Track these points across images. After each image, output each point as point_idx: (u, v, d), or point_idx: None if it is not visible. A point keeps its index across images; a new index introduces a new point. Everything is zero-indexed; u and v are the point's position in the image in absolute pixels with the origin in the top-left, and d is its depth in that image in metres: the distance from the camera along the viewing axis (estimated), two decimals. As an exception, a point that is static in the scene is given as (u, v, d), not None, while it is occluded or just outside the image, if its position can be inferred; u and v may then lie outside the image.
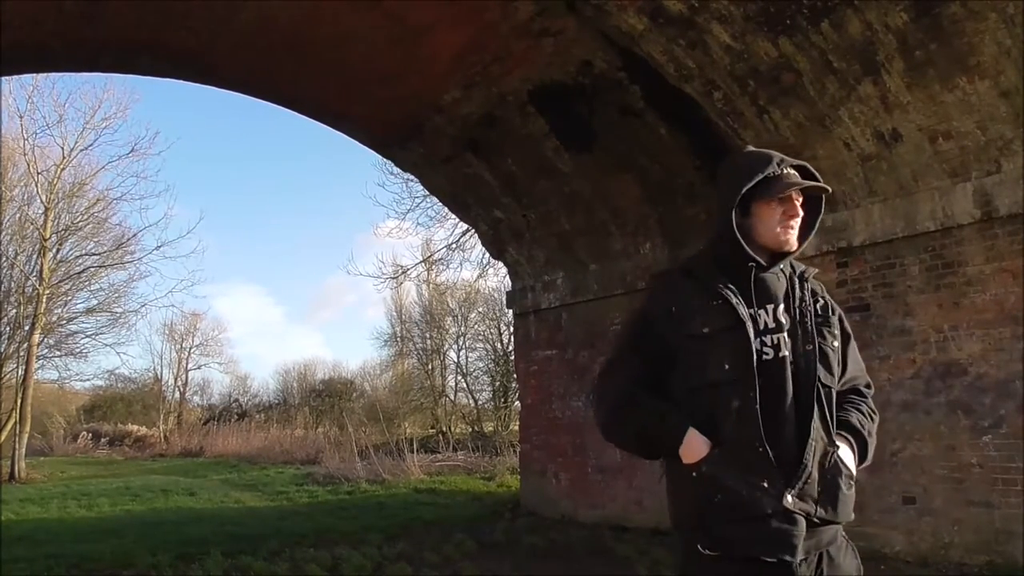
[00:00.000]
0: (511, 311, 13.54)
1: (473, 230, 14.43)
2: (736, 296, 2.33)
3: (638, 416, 2.43)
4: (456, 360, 32.22)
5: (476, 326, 31.53)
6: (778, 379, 2.27)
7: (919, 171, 7.27)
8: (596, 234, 10.84)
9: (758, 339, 2.30)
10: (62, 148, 23.28)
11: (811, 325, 2.35)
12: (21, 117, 22.92)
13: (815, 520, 2.22)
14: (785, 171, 2.41)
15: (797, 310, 2.37)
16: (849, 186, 7.82)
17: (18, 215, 23.27)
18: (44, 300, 22.26)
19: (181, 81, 11.01)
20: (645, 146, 9.39)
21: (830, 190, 2.45)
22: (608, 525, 10.02)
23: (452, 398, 31.88)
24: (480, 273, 22.48)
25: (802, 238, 2.45)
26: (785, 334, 2.32)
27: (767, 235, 2.41)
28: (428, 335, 33.16)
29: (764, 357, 2.28)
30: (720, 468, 2.25)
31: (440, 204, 14.96)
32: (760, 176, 2.39)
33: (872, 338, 7.53)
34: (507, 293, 13.30)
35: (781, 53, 7.37)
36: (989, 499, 6.74)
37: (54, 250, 23.16)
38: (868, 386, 2.57)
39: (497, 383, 29.72)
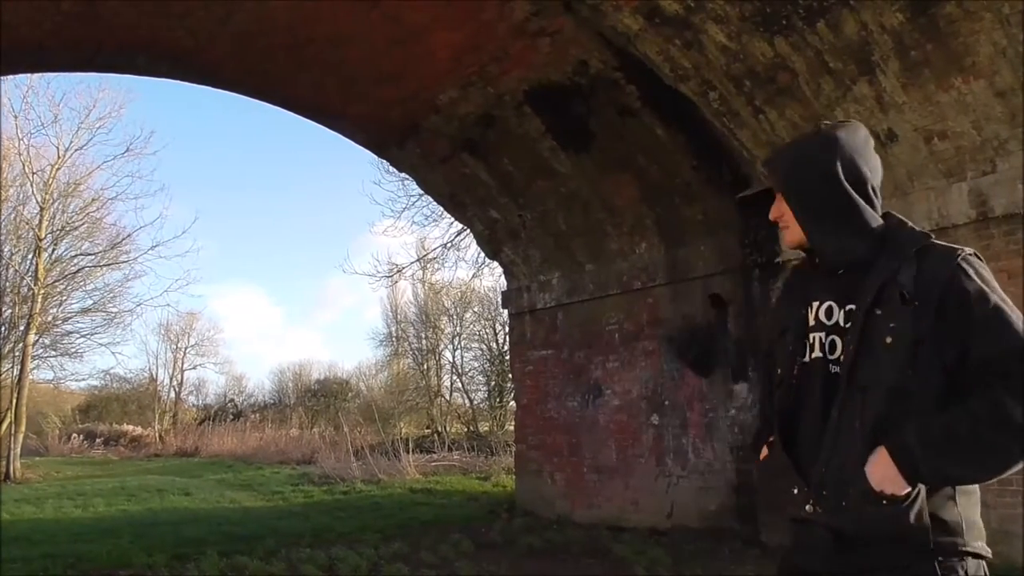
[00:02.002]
0: (507, 311, 13.55)
1: (468, 229, 14.43)
2: (795, 298, 2.29)
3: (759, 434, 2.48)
4: (451, 360, 32.32)
5: (471, 326, 31.65)
6: (809, 383, 2.16)
7: (914, 171, 7.28)
8: (592, 234, 10.85)
9: (803, 341, 2.20)
10: (57, 148, 23.35)
11: (860, 319, 2.08)
12: (16, 117, 22.89)
13: (848, 533, 2.02)
14: (771, 168, 2.33)
15: (856, 302, 2.12)
16: (845, 186, 7.82)
17: (13, 215, 23.24)
18: (39, 300, 22.22)
19: (177, 81, 11.01)
20: (642, 146, 9.40)
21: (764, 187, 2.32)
22: (604, 525, 10.03)
23: (448, 398, 31.91)
24: (475, 272, 22.49)
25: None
26: (823, 333, 2.16)
27: None
28: (423, 335, 33.22)
29: (808, 359, 2.18)
30: (764, 473, 2.31)
31: (436, 203, 14.97)
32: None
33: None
34: (503, 293, 13.30)
35: (777, 53, 7.38)
36: (985, 499, 6.66)
37: (49, 250, 23.13)
38: (1004, 375, 1.92)
39: (492, 383, 29.75)
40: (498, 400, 29.09)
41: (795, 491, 2.10)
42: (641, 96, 8.87)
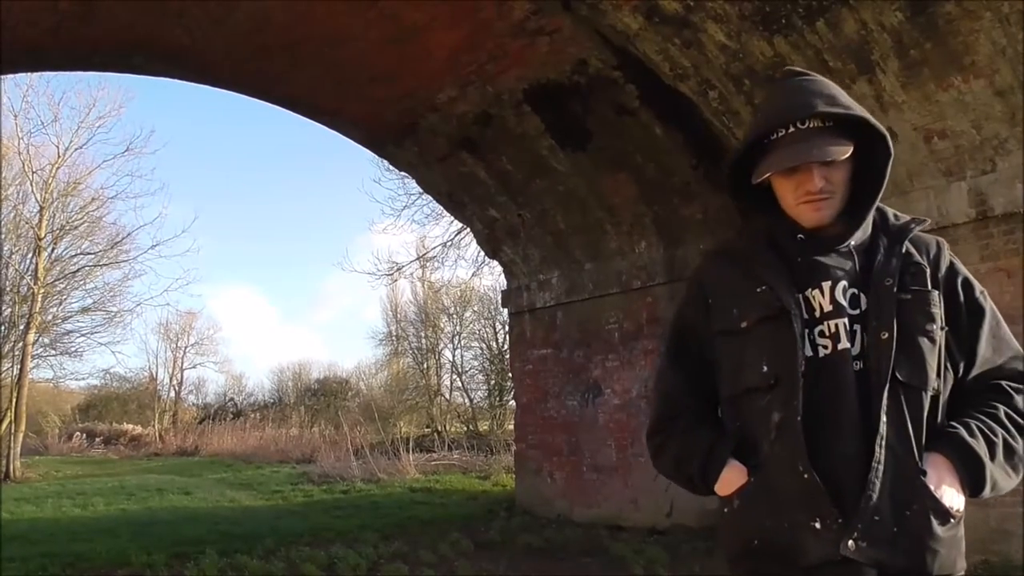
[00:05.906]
0: (506, 310, 13.55)
1: (468, 228, 14.42)
2: (782, 277, 1.81)
3: (673, 449, 1.92)
4: (451, 359, 32.27)
5: (471, 325, 31.57)
6: (834, 381, 1.72)
7: (914, 170, 7.27)
8: (591, 233, 10.84)
9: (809, 330, 1.76)
10: (57, 147, 23.33)
11: (891, 305, 1.74)
12: (16, 116, 22.88)
13: (890, 571, 1.65)
14: (800, 127, 1.79)
15: (874, 286, 1.78)
16: (844, 185, 7.82)
17: (13, 214, 23.22)
18: (39, 299, 22.21)
19: (176, 80, 11.01)
20: (640, 145, 9.39)
21: (842, 155, 1.81)
22: (603, 524, 10.02)
23: (447, 397, 31.87)
24: (475, 271, 22.50)
25: (865, 199, 1.90)
26: (846, 320, 1.75)
27: (790, 211, 1.86)
28: (423, 334, 33.17)
29: (820, 352, 1.75)
30: (756, 502, 1.75)
31: (435, 201, 14.95)
32: (757, 140, 1.86)
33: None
34: (502, 292, 13.30)
35: (776, 52, 7.37)
36: (985, 499, 6.73)
37: (49, 249, 23.10)
38: (1020, 377, 1.81)
39: (492, 382, 29.71)
40: (498, 399, 29.05)
41: (817, 525, 1.66)
42: (640, 95, 8.86)
